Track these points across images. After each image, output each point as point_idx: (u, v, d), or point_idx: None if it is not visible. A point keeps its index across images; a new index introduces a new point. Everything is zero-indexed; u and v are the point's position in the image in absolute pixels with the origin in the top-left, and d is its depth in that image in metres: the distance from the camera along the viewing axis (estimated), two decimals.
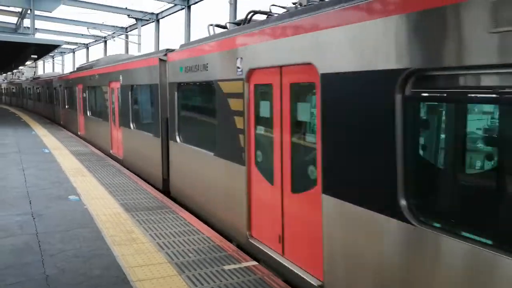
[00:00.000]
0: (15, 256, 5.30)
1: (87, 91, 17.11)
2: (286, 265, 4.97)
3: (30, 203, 7.77)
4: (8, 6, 27.54)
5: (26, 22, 30.02)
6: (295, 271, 4.81)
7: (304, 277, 4.64)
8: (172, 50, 8.88)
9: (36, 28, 27.88)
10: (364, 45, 3.69)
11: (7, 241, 5.84)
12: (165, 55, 9.05)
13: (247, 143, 5.80)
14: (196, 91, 8.08)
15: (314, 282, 4.51)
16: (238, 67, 5.87)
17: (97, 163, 12.03)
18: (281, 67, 5.01)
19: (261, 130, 5.62)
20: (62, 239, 5.94)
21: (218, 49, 6.58)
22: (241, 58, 5.80)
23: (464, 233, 3.01)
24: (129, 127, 11.61)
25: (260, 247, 5.51)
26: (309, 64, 4.43)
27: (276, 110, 5.18)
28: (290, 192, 4.99)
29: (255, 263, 5.25)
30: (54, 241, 5.86)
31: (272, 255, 5.25)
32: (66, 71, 38.33)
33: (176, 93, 8.42)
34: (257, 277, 4.84)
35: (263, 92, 5.55)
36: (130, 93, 11.51)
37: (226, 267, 5.09)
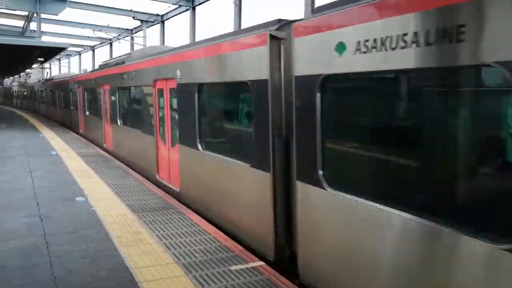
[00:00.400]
0: (23, 258, 5.34)
1: (117, 94, 13.28)
2: None
3: (38, 204, 7.82)
4: (15, 10, 27.79)
5: (33, 26, 30.26)
6: None
7: None
8: (291, 21, 5.21)
9: (42, 31, 28.08)
10: None
11: (16, 242, 5.88)
12: (279, 28, 5.36)
13: None
14: (394, 90, 4.04)
15: None
16: None
17: (103, 165, 12.09)
18: None
19: None
20: (70, 240, 5.98)
21: None
22: None
23: None
24: (195, 148, 7.59)
25: None
26: None
27: None
28: None
29: (262, 263, 5.25)
30: (62, 242, 5.90)
31: None
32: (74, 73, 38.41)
33: (318, 94, 4.55)
34: (264, 277, 4.83)
35: None
36: (196, 95, 7.53)
37: (233, 268, 5.09)
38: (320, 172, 4.58)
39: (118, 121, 13.30)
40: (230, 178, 6.53)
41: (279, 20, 5.47)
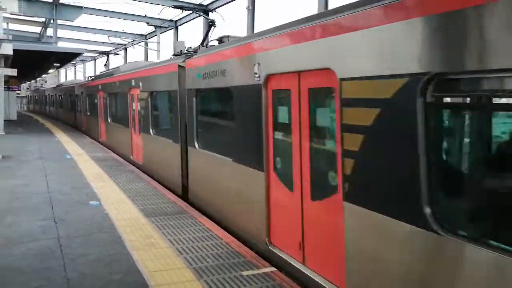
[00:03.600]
0: (38, 260, 5.41)
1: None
2: None
3: (52, 208, 7.92)
4: (32, 16, 28.37)
5: (49, 32, 30.84)
6: None
7: None
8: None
9: (58, 37, 28.60)
10: None
11: (31, 245, 5.96)
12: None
13: None
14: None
15: None
16: None
17: (116, 169, 12.20)
18: None
19: None
20: (83, 244, 6.03)
21: None
22: None
23: None
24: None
25: None
26: None
27: None
28: None
29: (273, 269, 5.22)
30: (75, 246, 5.96)
31: None
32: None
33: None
34: (276, 284, 4.81)
35: None
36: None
37: (245, 273, 5.08)
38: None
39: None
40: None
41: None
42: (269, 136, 5.79)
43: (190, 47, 10.23)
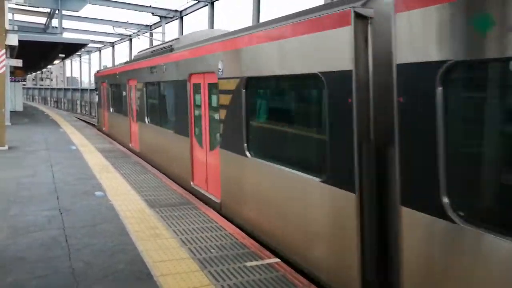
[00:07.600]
0: (43, 250, 5.45)
1: None
2: None
3: (58, 198, 7.96)
4: (38, 7, 28.34)
5: (54, 22, 30.83)
6: None
7: None
8: None
9: (63, 28, 28.59)
10: None
11: (37, 235, 6.00)
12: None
13: None
14: None
15: None
16: None
17: (122, 160, 12.25)
18: None
19: None
20: (88, 234, 6.07)
21: None
22: None
23: None
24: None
25: None
26: None
27: None
28: None
29: (277, 260, 5.23)
30: (81, 236, 5.99)
31: None
32: (93, 70, 38.65)
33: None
34: (279, 274, 4.81)
35: None
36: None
37: (248, 264, 5.09)
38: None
39: None
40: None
41: None
42: None
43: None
